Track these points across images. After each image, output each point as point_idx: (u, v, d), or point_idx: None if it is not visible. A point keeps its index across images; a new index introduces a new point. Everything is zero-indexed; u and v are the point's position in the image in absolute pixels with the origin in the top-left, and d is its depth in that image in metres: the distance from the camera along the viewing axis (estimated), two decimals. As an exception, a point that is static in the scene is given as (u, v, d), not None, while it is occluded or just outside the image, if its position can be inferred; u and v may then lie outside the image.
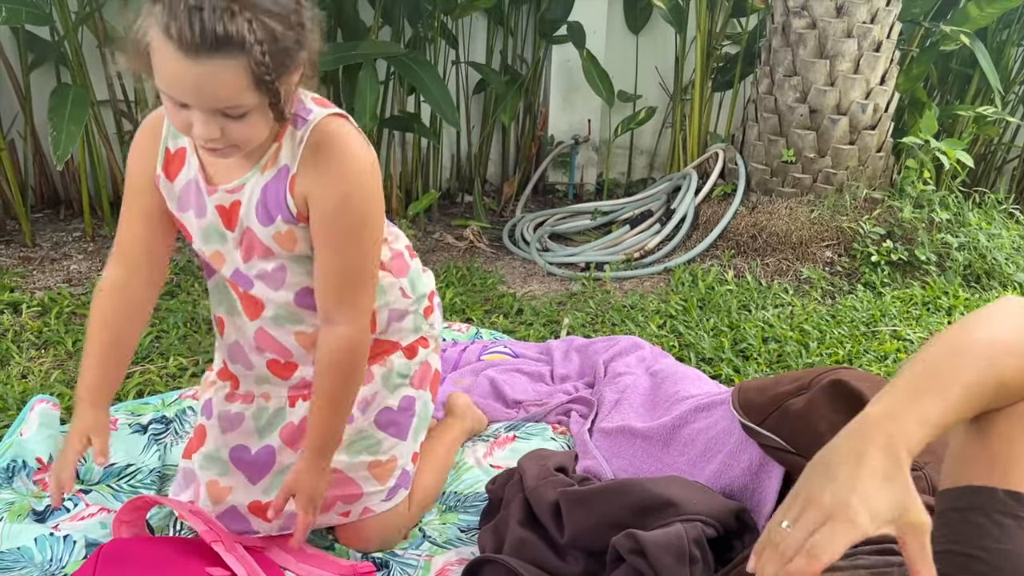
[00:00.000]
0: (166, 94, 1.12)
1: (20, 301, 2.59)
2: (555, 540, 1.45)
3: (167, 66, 1.08)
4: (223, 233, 1.34)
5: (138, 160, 1.35)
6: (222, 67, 1.07)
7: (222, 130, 1.14)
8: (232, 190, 1.30)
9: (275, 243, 1.32)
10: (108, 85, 3.24)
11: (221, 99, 1.10)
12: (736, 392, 1.61)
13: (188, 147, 1.32)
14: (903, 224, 3.15)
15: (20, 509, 1.53)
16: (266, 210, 1.29)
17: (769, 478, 1.50)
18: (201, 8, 1.03)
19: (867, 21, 3.18)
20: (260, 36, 1.07)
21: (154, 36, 1.07)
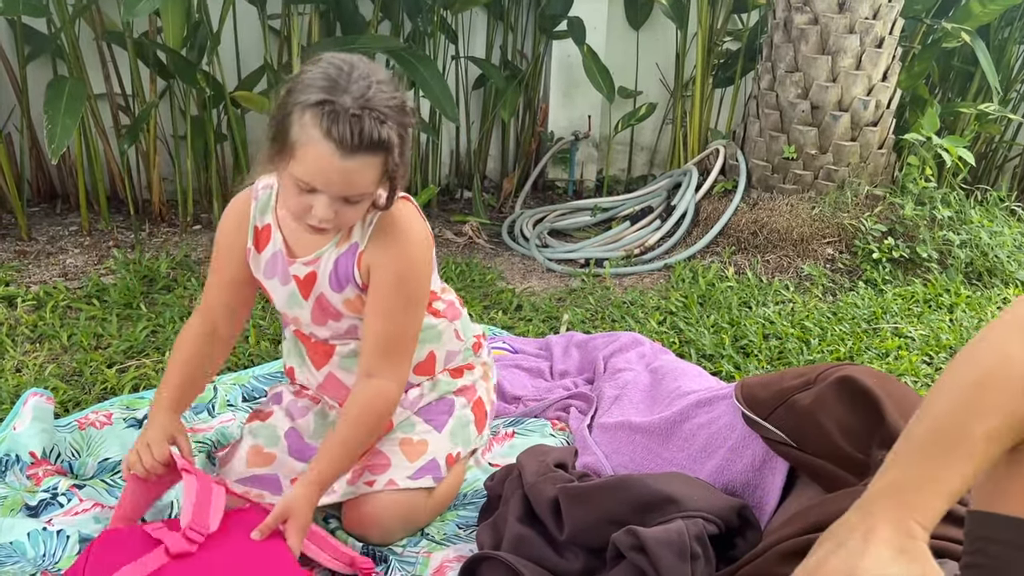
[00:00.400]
0: (302, 182, 1.30)
1: (15, 295, 2.57)
2: (554, 537, 1.44)
3: (320, 162, 1.27)
4: (300, 300, 1.54)
5: (228, 235, 1.56)
6: (368, 164, 1.29)
7: (336, 212, 1.33)
8: (308, 262, 1.50)
9: (345, 308, 1.52)
10: (105, 78, 3.22)
11: (357, 189, 1.31)
12: (739, 387, 1.59)
13: (272, 224, 1.52)
14: (905, 221, 3.14)
15: (13, 503, 1.51)
16: (337, 279, 1.49)
17: (773, 475, 1.48)
18: (361, 117, 1.25)
19: (869, 17, 3.17)
20: (397, 141, 1.30)
21: (310, 136, 1.26)
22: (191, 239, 3.21)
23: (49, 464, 1.64)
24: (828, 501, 1.23)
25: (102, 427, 1.79)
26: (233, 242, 1.55)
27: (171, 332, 2.37)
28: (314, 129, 1.26)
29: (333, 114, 1.24)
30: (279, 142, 1.31)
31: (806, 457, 1.41)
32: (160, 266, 2.82)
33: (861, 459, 1.33)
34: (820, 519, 1.19)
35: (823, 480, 1.38)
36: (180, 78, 3.02)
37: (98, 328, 2.38)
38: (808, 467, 1.41)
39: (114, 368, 2.17)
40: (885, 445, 1.30)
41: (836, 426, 1.38)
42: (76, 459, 1.70)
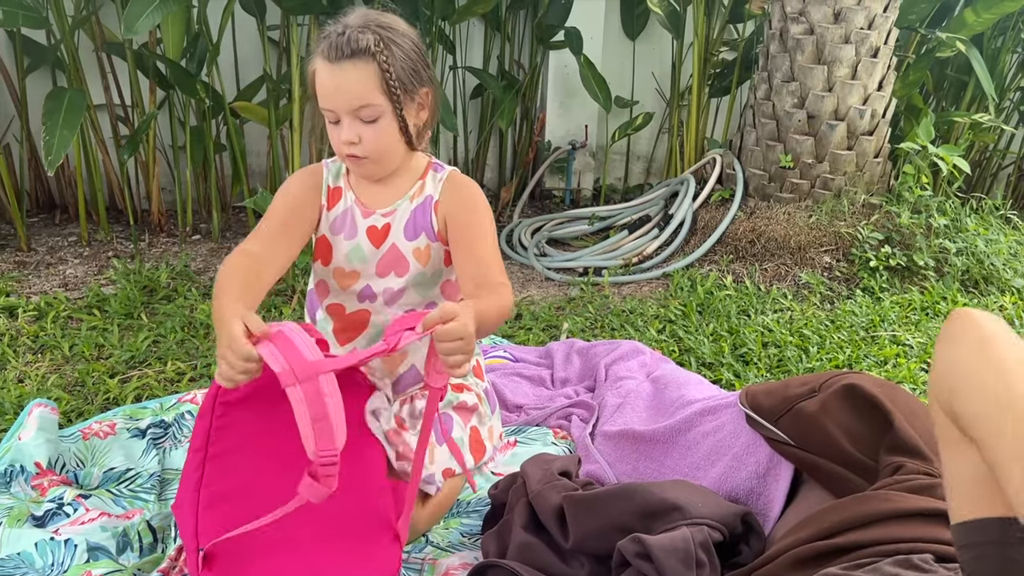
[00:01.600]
0: (324, 110, 1.47)
1: (16, 305, 2.57)
2: (559, 545, 1.44)
3: (320, 79, 1.45)
4: (366, 253, 1.63)
5: (299, 188, 1.64)
6: (357, 69, 1.43)
7: (360, 135, 1.47)
8: (387, 213, 1.62)
9: (413, 256, 1.62)
10: (104, 89, 3.23)
11: (356, 96, 1.44)
12: (744, 393, 1.60)
13: (344, 186, 1.65)
14: (901, 229, 3.16)
15: (19, 514, 1.51)
16: (414, 228, 1.61)
17: (777, 481, 1.49)
18: (344, 33, 1.43)
19: (864, 27, 3.19)
20: (384, 49, 1.44)
21: (315, 64, 1.46)
22: (191, 249, 3.21)
23: (54, 474, 1.64)
24: (841, 506, 1.23)
25: (106, 437, 1.79)
26: (305, 197, 1.64)
27: (172, 342, 2.38)
28: (317, 57, 1.46)
29: (326, 39, 1.45)
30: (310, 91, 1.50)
31: (813, 459, 1.42)
32: (160, 276, 2.83)
33: (870, 464, 1.34)
34: (835, 524, 1.20)
35: (831, 482, 1.39)
36: (179, 89, 3.03)
37: (99, 338, 2.38)
38: (816, 469, 1.42)
39: (116, 378, 2.18)
40: (894, 450, 1.32)
41: (843, 432, 1.39)
42: (81, 469, 1.70)
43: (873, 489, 1.26)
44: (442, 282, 1.68)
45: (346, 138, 1.48)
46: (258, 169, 3.77)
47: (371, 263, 1.64)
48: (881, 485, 1.26)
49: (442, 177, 1.63)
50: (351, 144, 1.48)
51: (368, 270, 1.65)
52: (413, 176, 1.63)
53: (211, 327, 2.48)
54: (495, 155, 4.14)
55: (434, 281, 1.67)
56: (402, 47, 1.47)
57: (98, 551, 1.43)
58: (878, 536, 1.15)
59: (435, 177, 1.63)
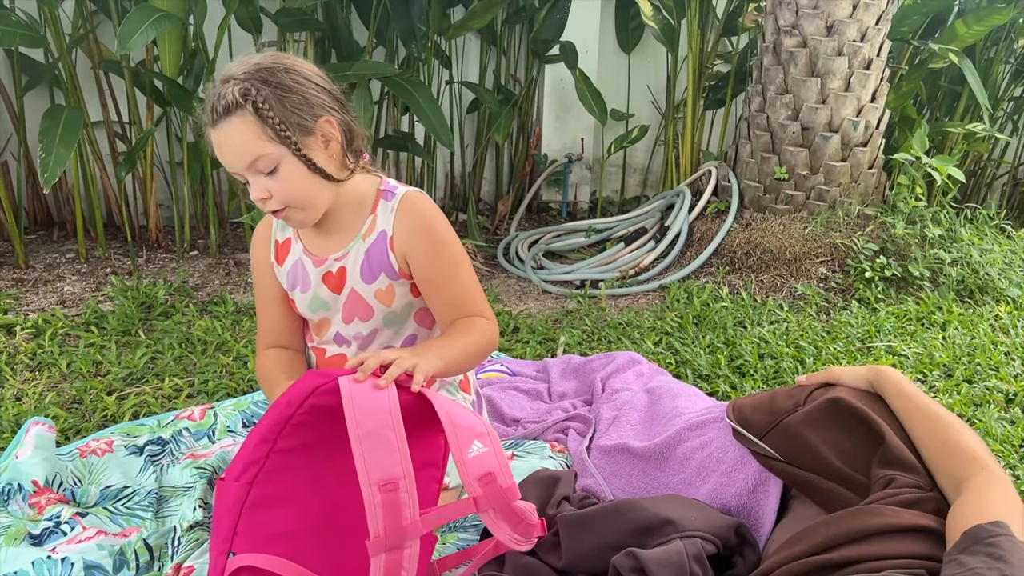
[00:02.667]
0: (229, 173, 1.43)
1: (14, 323, 2.58)
2: (558, 567, 1.44)
3: (212, 147, 1.41)
4: (326, 301, 1.59)
5: (258, 257, 1.66)
6: (232, 125, 1.37)
7: (268, 189, 1.41)
8: (339, 258, 1.56)
9: (376, 299, 1.57)
10: (102, 106, 3.24)
11: (243, 151, 1.38)
12: (731, 407, 1.61)
13: (292, 237, 1.61)
14: (896, 240, 3.17)
15: (16, 533, 1.51)
16: (370, 269, 1.55)
17: (766, 497, 1.50)
18: (217, 92, 1.37)
19: (857, 39, 3.22)
20: (256, 95, 1.35)
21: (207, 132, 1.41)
22: (188, 265, 3.22)
23: (52, 492, 1.65)
24: (833, 521, 1.24)
25: (103, 455, 1.79)
26: (262, 261, 1.66)
27: (170, 359, 2.38)
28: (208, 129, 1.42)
29: (207, 101, 1.40)
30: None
31: (803, 474, 1.42)
32: (158, 292, 2.83)
33: (860, 479, 1.35)
34: (827, 540, 1.21)
35: (822, 497, 1.40)
36: (176, 105, 3.05)
37: (97, 355, 2.39)
38: (806, 485, 1.42)
39: (114, 395, 2.18)
40: (886, 464, 1.32)
41: (832, 448, 1.39)
42: (78, 487, 1.71)
43: (865, 503, 1.27)
44: (414, 312, 1.64)
45: (256, 196, 1.42)
46: (255, 184, 3.78)
47: (335, 310, 1.60)
48: (873, 499, 1.26)
49: (394, 206, 1.54)
50: (264, 200, 1.43)
51: (335, 317, 1.61)
52: (362, 210, 1.55)
53: (208, 343, 2.49)
54: (492, 169, 4.16)
55: (405, 315, 1.63)
56: (282, 84, 1.38)
57: (95, 569, 1.43)
58: (870, 552, 1.15)
59: (387, 207, 1.55)
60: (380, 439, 1.24)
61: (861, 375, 1.50)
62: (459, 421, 1.29)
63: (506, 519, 1.31)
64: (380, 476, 1.23)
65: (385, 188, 1.56)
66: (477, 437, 1.29)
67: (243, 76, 1.36)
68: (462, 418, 1.30)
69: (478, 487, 1.28)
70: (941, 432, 1.31)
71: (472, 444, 1.28)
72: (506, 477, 1.29)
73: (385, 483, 1.23)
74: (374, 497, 1.22)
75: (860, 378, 1.50)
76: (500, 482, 1.29)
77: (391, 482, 1.23)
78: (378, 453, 1.23)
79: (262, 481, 1.31)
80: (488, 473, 1.28)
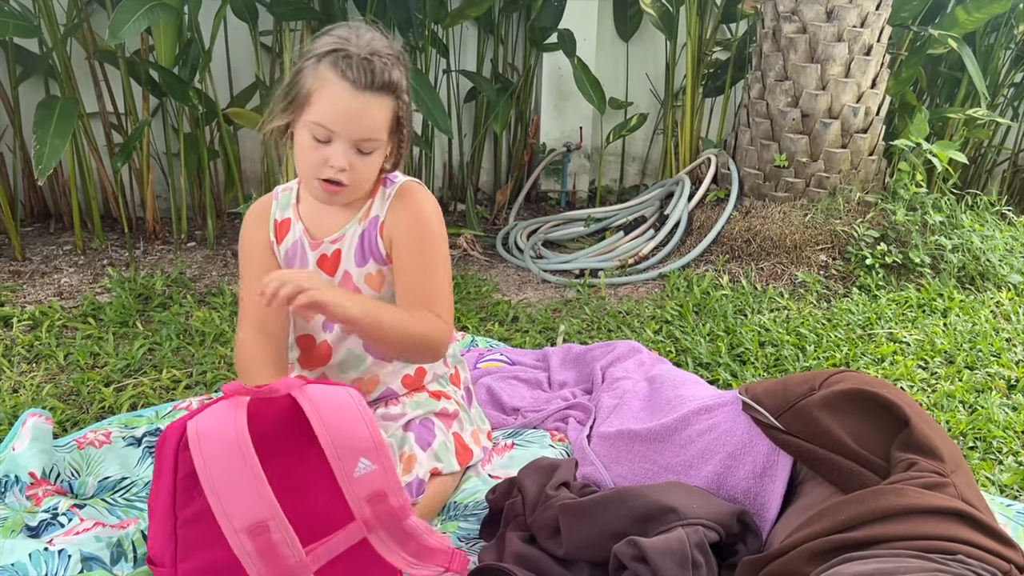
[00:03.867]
0: (321, 127, 1.40)
1: (11, 315, 2.57)
2: (557, 554, 1.44)
3: (336, 102, 1.39)
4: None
5: (252, 234, 1.64)
6: (380, 104, 1.41)
7: (351, 164, 1.43)
8: (335, 240, 1.58)
9: (365, 284, 1.59)
10: (97, 97, 3.22)
11: (369, 129, 1.41)
12: (744, 390, 1.59)
13: (292, 216, 1.61)
14: (897, 227, 3.16)
15: (13, 524, 1.50)
16: (362, 253, 1.57)
17: (773, 481, 1.49)
18: (371, 60, 1.39)
19: (857, 25, 3.20)
20: (403, 94, 1.44)
21: (325, 79, 1.39)
22: (186, 256, 3.21)
23: (49, 484, 1.63)
24: (857, 499, 1.22)
25: (101, 446, 1.78)
26: (256, 239, 1.63)
27: (167, 350, 2.37)
28: (329, 72, 1.39)
29: (347, 58, 1.38)
30: (294, 94, 1.43)
31: (819, 451, 1.39)
32: (155, 284, 2.82)
33: (878, 461, 1.33)
34: (852, 518, 1.19)
35: (838, 476, 1.36)
36: (172, 96, 3.03)
37: (94, 347, 2.37)
38: (820, 463, 1.39)
39: (111, 387, 2.17)
40: (908, 448, 1.31)
41: (848, 431, 1.38)
42: (76, 479, 1.69)
43: (888, 483, 1.25)
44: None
45: (339, 164, 1.42)
46: (253, 175, 3.77)
47: None
48: (895, 480, 1.25)
49: (391, 193, 1.57)
50: (340, 171, 1.43)
51: None
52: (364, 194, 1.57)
53: (206, 334, 2.48)
54: (490, 158, 4.14)
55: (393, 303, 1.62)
56: (411, 88, 1.47)
57: (92, 561, 1.42)
58: (896, 531, 1.14)
59: (384, 194, 1.57)
60: (234, 482, 1.14)
61: None
62: (341, 438, 1.20)
63: (397, 540, 1.24)
64: (243, 522, 1.13)
65: (387, 176, 1.59)
66: (364, 454, 1.21)
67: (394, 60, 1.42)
68: (346, 433, 1.21)
69: (366, 508, 1.21)
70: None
71: (358, 462, 1.21)
72: (398, 496, 1.23)
73: (252, 527, 1.13)
74: (244, 545, 1.13)
75: None
76: (391, 501, 1.22)
77: (259, 524, 1.14)
78: (236, 499, 1.13)
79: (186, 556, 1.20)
80: (378, 492, 1.22)
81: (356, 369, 1.70)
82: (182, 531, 1.19)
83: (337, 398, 1.24)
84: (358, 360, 1.69)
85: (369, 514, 1.22)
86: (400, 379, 1.74)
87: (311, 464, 1.23)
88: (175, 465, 1.19)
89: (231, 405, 1.20)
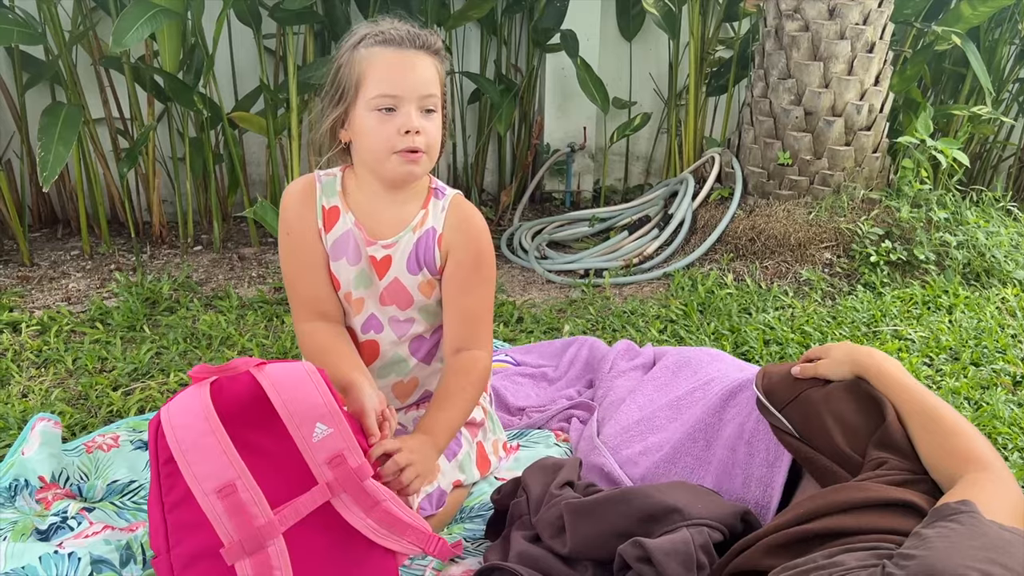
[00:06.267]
0: (385, 96, 1.42)
1: (19, 320, 2.58)
2: (561, 553, 1.44)
3: (388, 67, 1.42)
4: (370, 280, 1.59)
5: (301, 216, 1.58)
6: (425, 60, 1.45)
7: (422, 127, 1.44)
8: (388, 245, 1.57)
9: (418, 291, 1.60)
10: (103, 103, 3.24)
11: (427, 82, 1.43)
12: (761, 374, 1.60)
13: (340, 205, 1.58)
14: (901, 224, 3.16)
15: (23, 528, 1.52)
16: (417, 262, 1.57)
17: (778, 473, 1.51)
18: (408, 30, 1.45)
19: (860, 23, 3.19)
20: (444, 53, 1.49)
21: (371, 55, 1.43)
22: (192, 260, 3.23)
23: (58, 488, 1.65)
24: (819, 495, 1.25)
25: (109, 450, 1.80)
26: (307, 222, 1.58)
27: (175, 353, 2.38)
28: (373, 48, 1.43)
29: (382, 33, 1.44)
30: (343, 87, 1.46)
31: (807, 450, 1.43)
32: (162, 288, 2.84)
33: (856, 459, 1.35)
34: (809, 511, 1.21)
35: (819, 474, 1.41)
36: (177, 101, 3.04)
37: (102, 351, 2.39)
38: (807, 460, 1.43)
39: (119, 391, 2.18)
40: (881, 446, 1.32)
41: (838, 424, 1.40)
42: (85, 482, 1.71)
43: (856, 480, 1.27)
44: None
45: (415, 125, 1.43)
46: (258, 178, 3.78)
47: (375, 291, 1.60)
48: (863, 478, 1.27)
49: (444, 205, 1.58)
50: (416, 134, 1.44)
51: (371, 298, 1.61)
52: (418, 200, 1.58)
53: (213, 338, 2.49)
54: (494, 159, 4.15)
55: (441, 308, 1.65)
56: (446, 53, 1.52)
57: (101, 564, 1.44)
58: (850, 524, 1.15)
59: (437, 205, 1.58)
60: (201, 447, 1.21)
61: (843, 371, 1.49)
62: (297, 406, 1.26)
63: (360, 504, 1.28)
64: (213, 484, 1.20)
65: (436, 186, 1.60)
66: (320, 419, 1.26)
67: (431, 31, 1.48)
68: (302, 401, 1.26)
69: (327, 471, 1.26)
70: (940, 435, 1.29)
71: (315, 427, 1.26)
72: (355, 456, 1.27)
73: (221, 488, 1.20)
74: (214, 507, 1.20)
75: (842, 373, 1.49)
76: (350, 462, 1.27)
77: (227, 486, 1.20)
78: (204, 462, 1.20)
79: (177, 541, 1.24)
80: (337, 455, 1.26)
81: (398, 372, 1.70)
82: (170, 516, 1.24)
83: (292, 370, 1.30)
84: (402, 363, 1.69)
85: (331, 476, 1.26)
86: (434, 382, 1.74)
87: (275, 437, 1.27)
88: (156, 452, 1.25)
89: (197, 386, 1.26)
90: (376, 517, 1.29)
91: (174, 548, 1.23)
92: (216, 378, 1.28)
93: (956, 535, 0.99)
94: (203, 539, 1.21)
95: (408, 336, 1.65)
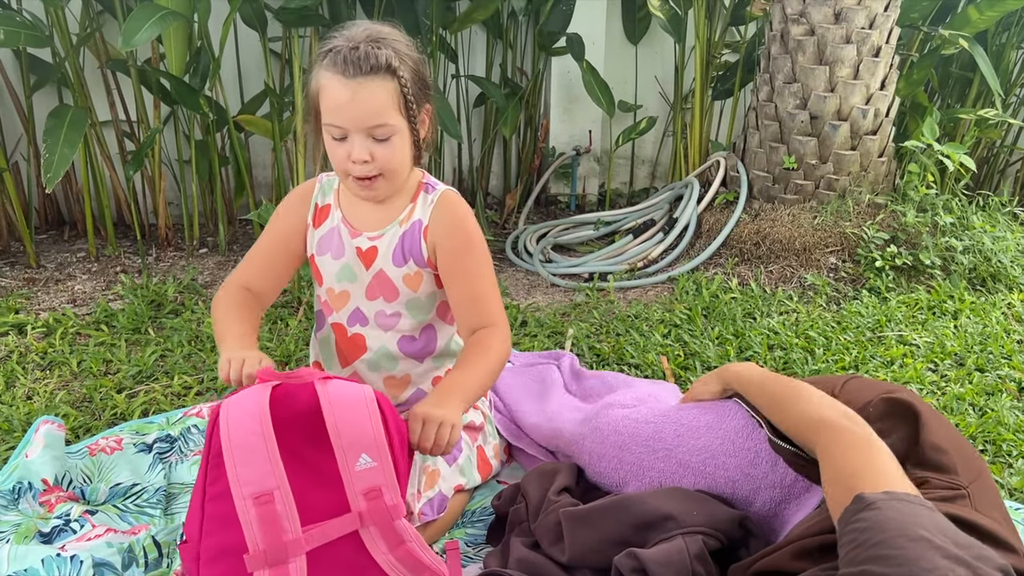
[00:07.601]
0: (332, 126, 1.42)
1: (25, 322, 2.59)
2: (560, 560, 1.44)
3: (333, 95, 1.40)
4: (355, 273, 1.61)
5: (294, 207, 1.65)
6: (375, 86, 1.39)
7: (372, 154, 1.43)
8: (373, 237, 1.59)
9: (403, 283, 1.61)
10: (110, 105, 3.26)
11: (373, 113, 1.40)
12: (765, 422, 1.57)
13: (332, 203, 1.62)
14: (907, 228, 3.15)
15: (27, 531, 1.52)
16: (402, 254, 1.59)
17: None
18: (357, 48, 1.38)
19: (865, 27, 3.19)
20: (401, 65, 1.41)
21: (322, 78, 1.41)
22: (198, 262, 3.23)
23: (61, 491, 1.66)
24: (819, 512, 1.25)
25: (112, 452, 1.80)
26: (293, 216, 1.64)
27: (179, 356, 2.39)
28: (325, 71, 1.41)
29: (336, 53, 1.39)
30: (309, 105, 1.47)
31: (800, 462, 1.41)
32: (167, 290, 2.85)
33: None
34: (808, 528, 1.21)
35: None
36: (183, 104, 3.05)
37: (107, 354, 2.40)
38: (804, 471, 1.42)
39: (123, 393, 2.19)
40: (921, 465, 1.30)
41: None
42: (88, 485, 1.72)
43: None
44: (437, 304, 1.67)
45: (358, 156, 1.42)
46: (263, 181, 3.79)
47: (360, 284, 1.62)
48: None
49: (432, 199, 1.59)
50: (363, 164, 1.43)
51: (357, 292, 1.64)
52: (406, 197, 1.59)
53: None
54: (499, 162, 4.15)
55: (429, 305, 1.66)
56: (410, 63, 1.44)
57: (104, 567, 1.45)
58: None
59: (426, 199, 1.59)
60: (249, 448, 1.22)
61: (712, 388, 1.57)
62: (347, 430, 1.27)
63: (386, 540, 1.28)
64: (252, 489, 1.21)
65: (427, 182, 1.62)
66: (366, 449, 1.27)
67: (390, 43, 1.41)
68: (352, 426, 1.27)
69: (363, 501, 1.27)
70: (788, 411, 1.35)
71: (360, 457, 1.27)
72: (392, 494, 1.28)
73: (259, 495, 1.21)
74: (248, 511, 1.21)
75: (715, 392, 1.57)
76: (386, 498, 1.27)
77: (265, 494, 1.22)
78: (248, 464, 1.21)
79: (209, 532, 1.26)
80: (374, 488, 1.27)
81: (389, 368, 1.71)
82: (209, 506, 1.27)
83: (351, 392, 1.31)
84: (391, 359, 1.70)
85: (364, 507, 1.27)
86: (431, 380, 1.75)
87: (322, 453, 1.29)
88: (209, 442, 1.27)
89: (261, 386, 1.28)
90: (398, 555, 1.30)
91: (206, 538, 1.26)
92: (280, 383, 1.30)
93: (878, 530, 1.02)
94: (232, 538, 1.24)
95: (395, 331, 1.66)
